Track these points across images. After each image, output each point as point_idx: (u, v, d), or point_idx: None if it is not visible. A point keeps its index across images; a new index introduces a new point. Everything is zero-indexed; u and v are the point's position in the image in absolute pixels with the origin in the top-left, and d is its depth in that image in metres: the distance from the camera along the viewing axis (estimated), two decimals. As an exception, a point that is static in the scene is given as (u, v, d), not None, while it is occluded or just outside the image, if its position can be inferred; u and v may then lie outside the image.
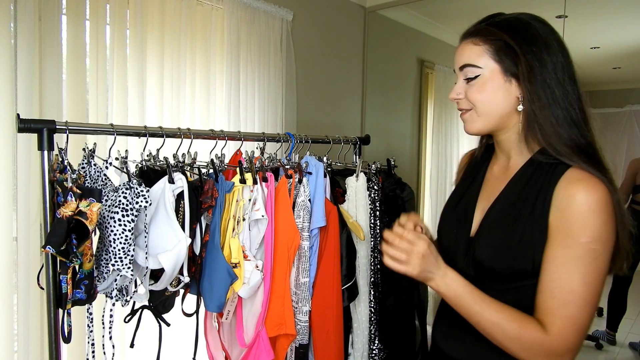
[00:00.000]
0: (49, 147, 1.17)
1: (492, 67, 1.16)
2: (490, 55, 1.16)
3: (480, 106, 1.19)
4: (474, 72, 1.18)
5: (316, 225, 1.53)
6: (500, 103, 1.18)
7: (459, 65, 1.21)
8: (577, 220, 1.05)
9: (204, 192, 1.33)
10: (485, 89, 1.17)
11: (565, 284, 1.05)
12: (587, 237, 1.04)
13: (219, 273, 1.35)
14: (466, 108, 1.22)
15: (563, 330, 1.06)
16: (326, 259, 1.55)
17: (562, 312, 1.06)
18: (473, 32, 1.20)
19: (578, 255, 1.04)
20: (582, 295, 1.05)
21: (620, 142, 3.28)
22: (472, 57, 1.18)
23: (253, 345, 1.46)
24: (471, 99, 1.19)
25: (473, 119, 1.22)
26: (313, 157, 1.61)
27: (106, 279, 1.24)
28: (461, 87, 1.22)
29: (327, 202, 1.57)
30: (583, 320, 1.06)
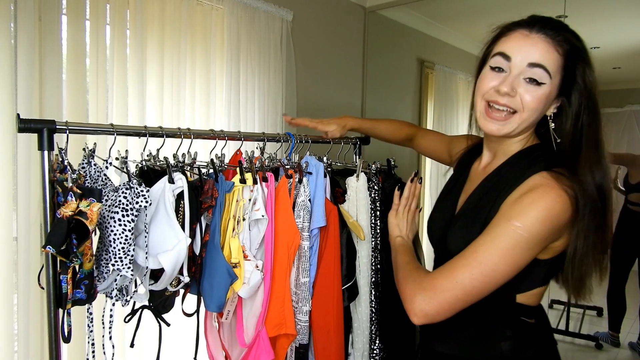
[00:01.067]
0: (49, 147, 1.17)
1: (557, 81, 1.11)
2: (560, 70, 1.11)
3: (528, 114, 1.12)
4: (542, 78, 1.10)
5: (316, 225, 1.53)
6: (540, 114, 1.15)
7: (532, 62, 1.10)
8: (518, 206, 1.07)
9: (204, 192, 1.33)
10: (543, 99, 1.11)
11: (474, 249, 1.09)
12: (518, 221, 1.06)
13: (219, 273, 1.35)
14: (514, 108, 1.13)
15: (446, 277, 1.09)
16: (326, 259, 1.55)
17: (456, 264, 1.10)
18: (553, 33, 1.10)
19: (501, 231, 1.07)
20: (483, 263, 1.06)
21: (620, 142, 3.28)
22: (550, 61, 1.10)
23: (253, 345, 1.47)
24: (525, 103, 1.11)
25: (514, 122, 1.14)
26: (313, 157, 1.61)
27: (106, 279, 1.24)
28: (518, 84, 1.12)
29: (327, 202, 1.57)
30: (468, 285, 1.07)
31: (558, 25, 1.12)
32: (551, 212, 1.05)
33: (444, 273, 1.11)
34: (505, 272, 1.08)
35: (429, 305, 1.10)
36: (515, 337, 1.20)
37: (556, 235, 1.10)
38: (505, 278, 1.09)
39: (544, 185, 1.08)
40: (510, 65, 1.12)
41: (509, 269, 1.08)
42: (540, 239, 1.07)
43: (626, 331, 3.56)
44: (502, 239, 1.06)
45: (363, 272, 1.67)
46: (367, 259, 1.67)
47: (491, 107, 1.16)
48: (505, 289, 1.13)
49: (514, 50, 1.12)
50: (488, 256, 1.07)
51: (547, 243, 1.10)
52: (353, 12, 3.77)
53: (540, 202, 1.05)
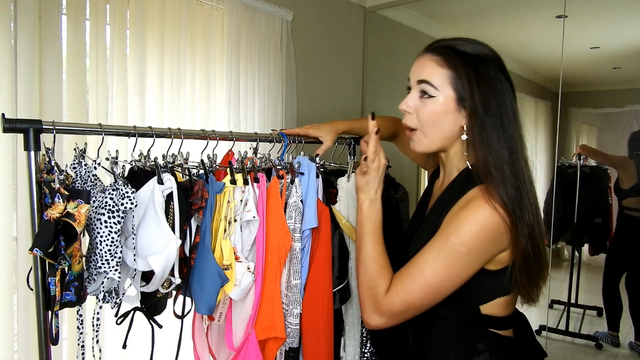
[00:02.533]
0: (35, 148, 1.17)
1: (447, 94, 1.20)
2: (450, 81, 1.20)
3: (428, 128, 1.24)
4: (430, 92, 1.21)
5: (307, 227, 1.52)
6: (447, 129, 1.24)
7: (418, 79, 1.23)
8: (455, 222, 1.15)
9: (193, 193, 1.32)
10: (436, 112, 1.22)
11: (420, 264, 1.16)
12: (455, 238, 1.13)
13: (210, 275, 1.35)
14: (412, 127, 1.27)
15: (395, 295, 1.18)
16: (317, 261, 1.54)
17: (403, 282, 1.17)
18: (438, 51, 1.22)
19: (441, 247, 1.14)
20: (427, 278, 1.15)
21: (620, 142, 3.26)
22: (433, 77, 1.21)
23: (242, 349, 1.45)
24: (421, 119, 1.24)
25: (420, 139, 1.27)
26: (305, 157, 1.61)
27: (95, 281, 1.24)
28: (414, 100, 1.25)
29: (319, 203, 1.56)
30: (415, 297, 1.16)
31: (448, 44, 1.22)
32: (485, 226, 1.12)
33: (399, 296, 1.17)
34: (449, 287, 1.16)
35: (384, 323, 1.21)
36: (489, 351, 1.22)
37: (498, 246, 1.16)
38: (452, 290, 1.17)
39: (477, 199, 1.15)
40: (410, 84, 1.27)
41: (453, 283, 1.16)
42: (479, 251, 1.14)
43: (626, 331, 3.54)
44: (443, 256, 1.14)
45: (355, 274, 1.66)
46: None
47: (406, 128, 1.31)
48: (466, 302, 1.23)
49: (411, 72, 1.27)
50: (433, 274, 1.14)
51: (490, 255, 1.16)
52: (353, 12, 3.76)
53: (474, 217, 1.13)
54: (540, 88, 3.55)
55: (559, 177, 3.41)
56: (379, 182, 1.30)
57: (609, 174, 3.43)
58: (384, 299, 1.19)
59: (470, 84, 1.18)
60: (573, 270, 3.83)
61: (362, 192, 1.31)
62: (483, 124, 1.18)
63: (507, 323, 1.27)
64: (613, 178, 3.42)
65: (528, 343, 1.36)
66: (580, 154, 3.42)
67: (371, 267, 1.23)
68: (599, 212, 3.53)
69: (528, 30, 3.05)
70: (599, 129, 3.42)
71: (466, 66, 1.18)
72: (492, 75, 1.19)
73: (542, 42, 3.12)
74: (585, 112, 3.42)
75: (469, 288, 1.19)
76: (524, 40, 3.07)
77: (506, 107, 1.19)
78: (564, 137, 3.32)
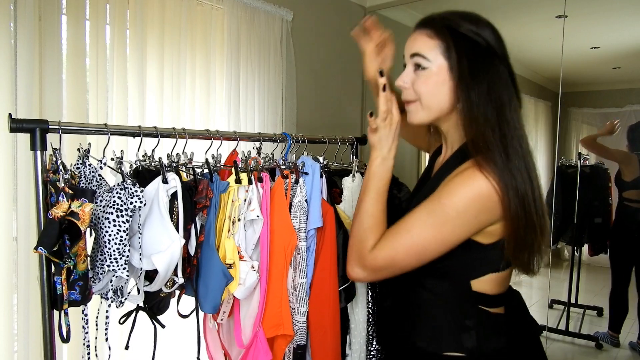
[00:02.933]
0: (41, 147, 1.17)
1: (440, 63, 1.21)
2: (440, 51, 1.21)
3: (425, 98, 1.24)
4: (422, 64, 1.22)
5: (313, 226, 1.52)
6: (444, 98, 1.23)
7: (410, 53, 1.25)
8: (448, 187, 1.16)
9: (198, 192, 1.32)
10: (431, 82, 1.22)
11: (409, 223, 1.18)
12: (447, 200, 1.14)
13: (214, 274, 1.35)
14: (411, 99, 1.27)
15: (379, 251, 1.20)
16: (323, 260, 1.54)
17: (389, 239, 1.20)
18: (428, 24, 1.24)
19: (432, 208, 1.16)
20: (413, 237, 1.17)
21: (620, 142, 3.28)
22: (424, 48, 1.22)
23: (251, 346, 1.46)
24: (417, 90, 1.24)
25: (417, 110, 1.27)
26: (309, 157, 1.61)
27: (101, 279, 1.23)
28: (409, 75, 1.26)
29: (324, 203, 1.56)
30: (399, 256, 1.18)
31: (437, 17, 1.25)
32: (477, 194, 1.13)
33: (383, 252, 1.20)
34: (435, 249, 1.17)
35: (365, 277, 1.25)
36: (477, 328, 1.23)
37: (489, 217, 1.15)
38: (437, 253, 1.18)
39: (473, 167, 1.15)
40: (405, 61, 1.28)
41: (439, 246, 1.17)
42: (469, 218, 1.14)
43: (626, 331, 3.55)
44: (432, 217, 1.15)
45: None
46: None
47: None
48: (457, 277, 1.24)
49: (405, 51, 1.29)
50: (419, 233, 1.16)
51: (481, 224, 1.16)
52: (353, 12, 3.76)
53: (468, 182, 1.14)
54: (540, 88, 3.56)
55: (559, 177, 3.42)
56: (392, 139, 1.29)
57: (609, 174, 3.44)
58: (369, 254, 1.21)
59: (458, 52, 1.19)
60: (573, 270, 3.84)
61: (374, 149, 1.30)
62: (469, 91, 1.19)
63: (499, 301, 1.28)
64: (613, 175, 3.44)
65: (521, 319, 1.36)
66: (581, 153, 3.43)
67: (366, 222, 1.25)
68: (599, 212, 3.55)
69: (528, 30, 3.05)
70: (599, 129, 3.42)
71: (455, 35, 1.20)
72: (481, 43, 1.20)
73: (542, 42, 3.13)
74: (585, 112, 3.43)
75: (458, 261, 1.21)
76: (524, 40, 3.07)
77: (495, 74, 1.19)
78: (564, 137, 3.33)
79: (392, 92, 1.30)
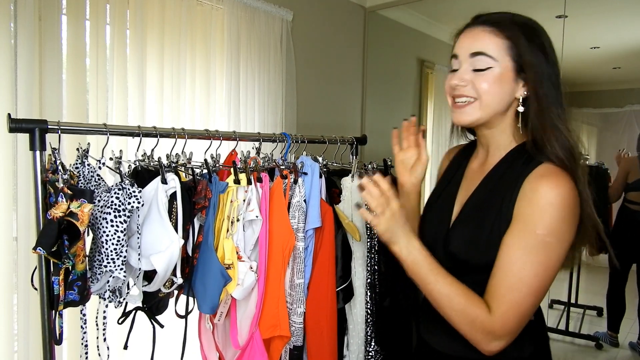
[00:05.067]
0: (41, 147, 1.17)
1: (506, 64, 1.15)
2: (507, 51, 1.15)
3: (486, 97, 1.17)
4: (487, 63, 1.15)
5: (311, 226, 1.52)
6: (504, 100, 1.18)
7: (472, 52, 1.17)
8: (536, 212, 1.08)
9: (197, 193, 1.32)
10: (495, 82, 1.16)
11: (516, 271, 1.09)
12: (543, 229, 1.07)
13: (212, 274, 1.35)
14: (471, 96, 1.18)
15: (506, 313, 1.10)
16: (321, 260, 1.54)
17: (508, 297, 1.10)
18: (490, 22, 1.17)
19: (532, 245, 1.08)
20: (530, 284, 1.08)
21: (620, 142, 3.28)
22: (490, 47, 1.15)
23: (247, 347, 1.46)
24: (478, 88, 1.17)
25: (474, 109, 1.19)
26: (308, 157, 1.61)
27: (99, 280, 1.23)
28: (467, 73, 1.18)
29: (323, 203, 1.56)
30: (526, 307, 1.10)
31: (500, 15, 1.18)
32: (567, 207, 1.08)
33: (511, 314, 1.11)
34: (551, 279, 1.11)
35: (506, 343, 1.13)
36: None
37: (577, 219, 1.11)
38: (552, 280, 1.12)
39: (547, 178, 1.10)
40: (459, 61, 1.20)
41: (553, 273, 1.11)
42: (569, 233, 1.09)
43: (626, 331, 3.55)
44: (536, 254, 1.08)
45: (358, 273, 1.66)
46: (362, 260, 1.67)
47: (455, 102, 1.22)
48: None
49: (459, 47, 1.20)
50: (534, 278, 1.09)
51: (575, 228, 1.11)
52: (353, 12, 3.76)
53: (553, 201, 1.07)
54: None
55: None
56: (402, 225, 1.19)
57: (609, 174, 3.44)
58: (495, 323, 1.11)
59: (529, 54, 1.14)
60: (573, 271, 3.84)
61: (392, 244, 1.20)
62: (544, 96, 1.15)
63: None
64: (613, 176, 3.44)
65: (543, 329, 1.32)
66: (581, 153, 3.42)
67: (457, 303, 1.14)
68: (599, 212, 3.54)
69: (528, 31, 3.00)
70: (599, 129, 3.42)
71: (523, 35, 1.14)
72: (546, 45, 1.16)
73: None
74: (585, 112, 3.42)
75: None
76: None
77: (557, 75, 1.17)
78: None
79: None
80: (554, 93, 1.15)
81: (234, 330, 1.50)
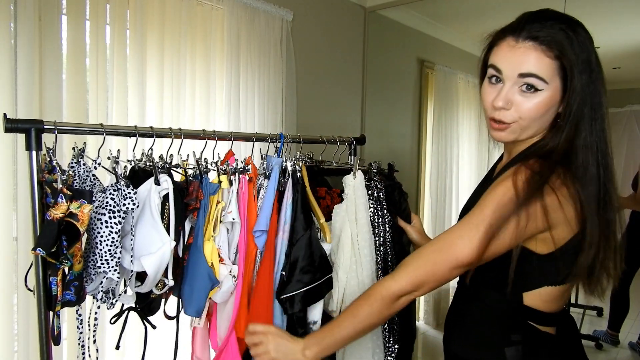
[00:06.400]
0: (37, 148, 1.17)
1: (556, 85, 1.08)
2: (557, 72, 1.07)
3: (528, 121, 1.10)
4: (537, 85, 1.07)
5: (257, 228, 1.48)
6: (547, 121, 1.13)
7: (522, 72, 1.08)
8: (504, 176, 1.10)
9: (189, 194, 1.32)
10: (543, 107, 1.09)
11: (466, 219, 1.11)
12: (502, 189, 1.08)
13: (200, 277, 1.34)
14: (509, 121, 1.12)
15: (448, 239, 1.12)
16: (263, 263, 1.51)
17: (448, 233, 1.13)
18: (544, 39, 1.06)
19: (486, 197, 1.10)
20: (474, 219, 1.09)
21: (620, 142, 3.27)
22: (542, 69, 1.06)
23: (223, 350, 1.46)
24: (522, 112, 1.10)
25: (514, 131, 1.13)
26: (274, 156, 1.58)
27: (94, 280, 1.24)
28: (512, 94, 1.10)
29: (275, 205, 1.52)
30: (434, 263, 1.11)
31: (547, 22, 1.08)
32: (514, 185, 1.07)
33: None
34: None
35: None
36: (525, 343, 1.16)
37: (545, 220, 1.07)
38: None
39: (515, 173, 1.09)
40: (503, 76, 1.11)
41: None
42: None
43: (626, 331, 3.55)
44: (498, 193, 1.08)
45: (366, 269, 1.65)
46: (370, 257, 1.65)
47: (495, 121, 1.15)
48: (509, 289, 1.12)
49: (503, 62, 1.11)
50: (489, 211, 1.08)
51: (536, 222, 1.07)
52: (353, 12, 3.76)
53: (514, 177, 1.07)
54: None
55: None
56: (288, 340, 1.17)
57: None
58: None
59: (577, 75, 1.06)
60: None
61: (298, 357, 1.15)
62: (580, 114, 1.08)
63: (551, 319, 1.19)
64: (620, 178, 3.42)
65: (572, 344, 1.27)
66: None
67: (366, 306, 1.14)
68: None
69: (528, 31, 2.99)
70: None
71: (572, 51, 1.05)
72: (593, 62, 1.08)
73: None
74: (586, 112, 3.40)
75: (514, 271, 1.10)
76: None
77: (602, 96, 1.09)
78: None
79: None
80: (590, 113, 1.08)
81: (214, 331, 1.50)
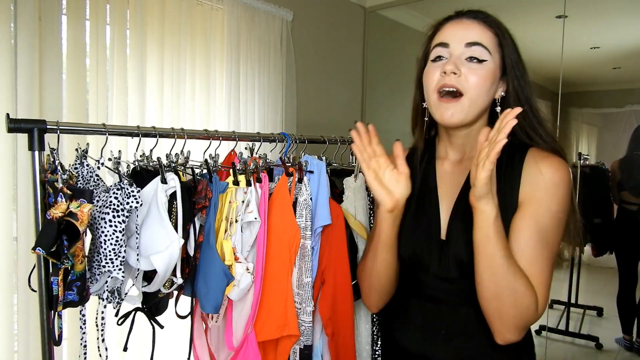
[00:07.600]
0: (39, 147, 1.16)
1: (497, 60, 1.14)
2: (497, 48, 1.14)
3: (475, 94, 1.12)
4: (483, 56, 1.12)
5: (321, 224, 1.48)
6: (488, 99, 1.17)
7: (469, 41, 1.13)
8: (547, 193, 1.10)
9: (197, 192, 1.31)
10: (487, 78, 1.13)
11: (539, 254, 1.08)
12: (556, 206, 1.09)
13: (215, 274, 1.33)
14: (458, 88, 1.12)
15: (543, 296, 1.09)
16: (336, 256, 1.52)
17: (541, 279, 1.08)
18: (484, 17, 1.16)
19: (548, 224, 1.09)
20: (552, 262, 1.10)
21: (620, 142, 3.26)
22: (485, 39, 1.13)
23: (241, 349, 1.44)
24: (470, 82, 1.11)
25: (462, 107, 1.13)
26: (313, 157, 1.59)
27: (98, 280, 1.23)
28: (461, 63, 1.13)
29: (331, 201, 1.53)
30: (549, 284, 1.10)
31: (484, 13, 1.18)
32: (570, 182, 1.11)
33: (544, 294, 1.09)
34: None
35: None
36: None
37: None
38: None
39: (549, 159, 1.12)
40: (450, 50, 1.15)
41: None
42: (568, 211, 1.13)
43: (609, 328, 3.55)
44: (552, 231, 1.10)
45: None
46: None
47: (442, 94, 1.15)
48: None
49: (450, 35, 1.16)
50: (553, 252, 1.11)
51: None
52: (353, 12, 3.76)
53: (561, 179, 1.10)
54: (540, 88, 3.56)
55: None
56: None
57: (609, 174, 3.42)
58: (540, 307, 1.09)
59: (512, 52, 1.15)
60: (573, 270, 3.83)
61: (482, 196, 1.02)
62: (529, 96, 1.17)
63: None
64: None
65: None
66: (581, 153, 3.41)
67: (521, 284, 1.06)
68: (600, 212, 3.53)
69: (528, 30, 3.02)
70: (599, 129, 3.41)
71: (504, 32, 1.16)
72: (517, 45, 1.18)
73: (542, 42, 3.12)
74: (585, 112, 3.41)
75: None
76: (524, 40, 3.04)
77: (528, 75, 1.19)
78: (564, 138, 3.32)
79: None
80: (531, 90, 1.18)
81: (229, 331, 1.49)
